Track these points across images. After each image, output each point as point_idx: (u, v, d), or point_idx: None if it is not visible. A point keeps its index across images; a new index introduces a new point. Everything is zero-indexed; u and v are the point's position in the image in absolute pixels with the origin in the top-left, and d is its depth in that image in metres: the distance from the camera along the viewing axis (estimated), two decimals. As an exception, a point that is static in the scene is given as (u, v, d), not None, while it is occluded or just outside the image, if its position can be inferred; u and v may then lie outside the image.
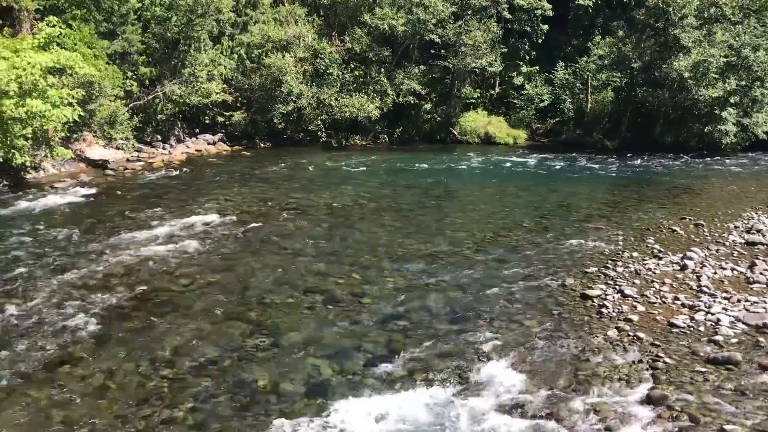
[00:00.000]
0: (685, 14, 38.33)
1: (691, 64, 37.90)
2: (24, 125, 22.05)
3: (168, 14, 32.55)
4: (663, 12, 38.76)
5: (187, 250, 16.60)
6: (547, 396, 10.05)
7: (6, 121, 21.71)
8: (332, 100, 37.09)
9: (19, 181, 23.80)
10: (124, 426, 9.13)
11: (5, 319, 12.27)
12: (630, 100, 41.36)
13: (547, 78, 44.56)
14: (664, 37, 39.33)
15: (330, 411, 9.47)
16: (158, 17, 32.52)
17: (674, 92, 39.39)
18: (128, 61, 31.55)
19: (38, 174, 25.44)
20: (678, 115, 40.43)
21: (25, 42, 24.46)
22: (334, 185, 26.02)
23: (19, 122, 21.89)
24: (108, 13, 30.77)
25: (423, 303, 13.71)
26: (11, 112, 21.46)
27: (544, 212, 22.44)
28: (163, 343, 11.61)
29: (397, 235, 18.83)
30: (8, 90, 21.31)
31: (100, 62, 28.63)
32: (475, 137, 41.68)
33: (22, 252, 16.17)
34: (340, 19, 40.62)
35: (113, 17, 30.90)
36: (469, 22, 40.71)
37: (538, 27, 44.14)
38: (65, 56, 23.98)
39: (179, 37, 32.97)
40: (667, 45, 39.25)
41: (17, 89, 21.56)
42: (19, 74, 21.67)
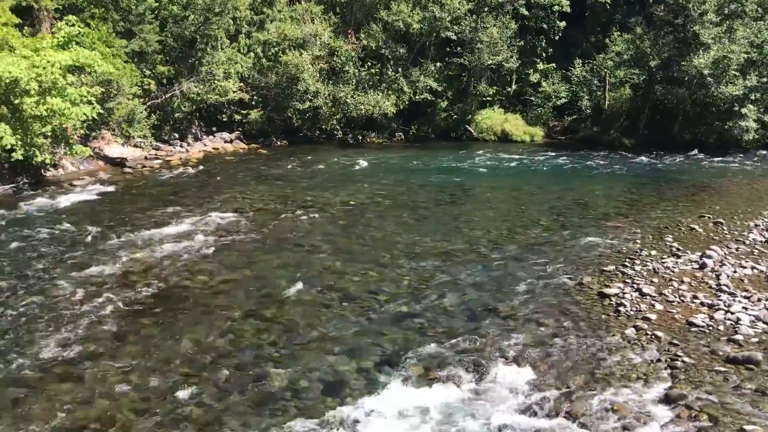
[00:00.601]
0: (705, 10, 37.94)
1: (711, 61, 37.52)
2: (44, 123, 22.29)
3: (185, 13, 32.72)
4: (682, 8, 38.39)
5: (204, 247, 16.70)
6: (564, 395, 10.01)
7: (26, 119, 21.95)
8: (348, 97, 37.11)
9: (39, 179, 24.06)
10: (143, 422, 9.21)
11: (27, 316, 12.42)
12: (648, 97, 41.01)
13: (564, 75, 44.27)
14: (683, 33, 38.94)
15: (346, 408, 9.49)
16: (175, 16, 32.69)
17: (693, 89, 39.02)
18: (146, 59, 31.76)
19: (57, 172, 25.70)
20: (697, 112, 40.04)
21: (45, 41, 24.71)
22: (350, 183, 26.05)
23: (39, 120, 22.14)
24: (125, 12, 30.99)
25: (439, 301, 13.70)
26: (31, 111, 21.70)
27: (561, 210, 22.32)
28: (181, 339, 11.70)
29: (413, 233, 18.82)
30: (28, 88, 21.55)
31: (118, 61, 28.85)
32: (491, 135, 41.50)
33: (43, 249, 16.35)
34: (356, 16, 40.60)
35: (131, 16, 31.11)
36: (485, 19, 40.54)
37: (554, 24, 43.85)
38: (84, 55, 24.21)
39: (196, 36, 33.14)
40: (686, 41, 38.86)
41: (37, 88, 21.79)
42: (38, 73, 21.89)
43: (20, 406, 9.44)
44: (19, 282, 14.07)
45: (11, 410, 9.34)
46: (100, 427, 9.06)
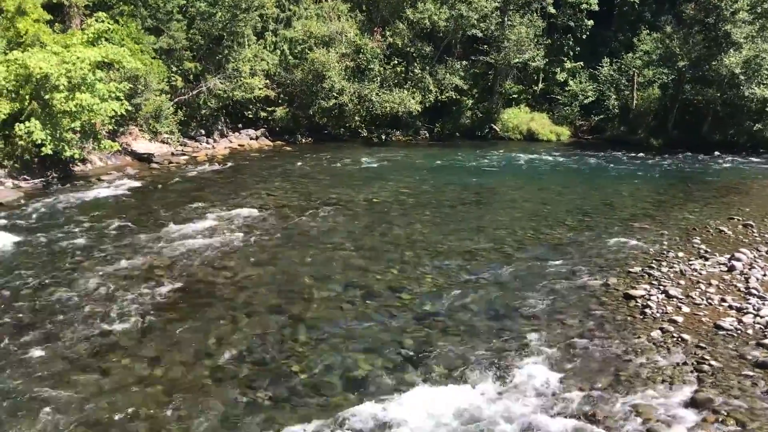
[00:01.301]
0: (738, 9, 37.31)
1: (743, 61, 36.91)
2: (73, 118, 22.61)
3: (212, 10, 32.95)
4: (714, 7, 37.80)
5: (229, 243, 16.81)
6: (587, 396, 9.91)
7: (56, 114, 22.29)
8: (373, 95, 37.11)
9: (68, 174, 24.39)
10: (167, 414, 9.30)
11: (55, 309, 12.61)
12: (677, 97, 40.45)
13: (591, 74, 43.84)
14: (714, 32, 38.34)
15: (368, 406, 9.49)
16: (203, 13, 32.95)
17: (724, 89, 38.42)
18: (173, 56, 32.05)
19: (86, 167, 26.04)
20: (727, 112, 39.42)
21: (75, 37, 25.08)
22: (373, 181, 26.04)
23: (69, 115, 22.46)
24: (154, 9, 31.29)
25: (462, 300, 13.64)
26: (61, 106, 22.03)
27: (586, 210, 22.11)
28: (205, 334, 11.79)
29: (436, 232, 18.77)
30: (58, 84, 21.87)
31: (146, 57, 29.16)
32: (517, 134, 41.24)
33: (70, 243, 16.57)
34: (382, 14, 40.58)
35: (159, 13, 31.41)
36: (512, 17, 40.29)
37: (582, 22, 43.45)
38: (113, 51, 24.54)
39: (223, 33, 33.37)
40: (717, 41, 38.26)
41: (67, 83, 22.11)
42: (68, 69, 22.22)
43: (47, 398, 9.58)
44: (46, 275, 14.28)
45: (39, 402, 9.47)
46: (125, 420, 9.16)
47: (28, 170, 23.31)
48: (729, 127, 39.65)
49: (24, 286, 13.65)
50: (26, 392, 9.68)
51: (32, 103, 22.48)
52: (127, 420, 9.15)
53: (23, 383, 9.89)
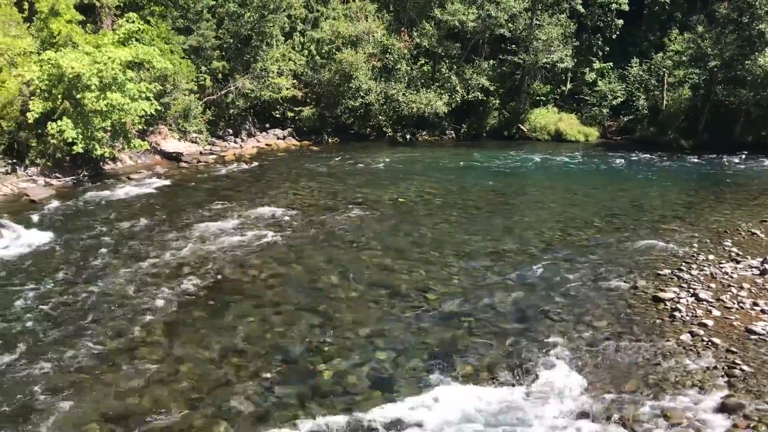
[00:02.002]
0: (773, 8, 36.59)
1: (778, 61, 36.21)
2: (104, 118, 22.93)
3: (241, 10, 33.20)
4: (748, 6, 37.12)
5: (256, 241, 16.92)
6: (615, 400, 9.82)
7: (87, 113, 22.62)
8: (400, 95, 37.10)
9: (98, 172, 24.74)
10: (194, 410, 9.40)
11: (86, 304, 12.81)
12: (708, 97, 39.83)
13: (620, 74, 43.33)
14: (748, 31, 37.67)
15: (393, 404, 9.50)
16: (232, 13, 33.21)
17: (757, 90, 37.73)
18: (202, 56, 32.35)
19: (116, 165, 26.40)
20: (760, 113, 38.69)
21: (106, 38, 25.43)
22: (399, 181, 26.03)
23: (100, 115, 22.79)
24: (184, 10, 31.62)
25: (488, 301, 13.58)
26: (92, 105, 22.36)
27: (615, 212, 21.88)
28: (232, 331, 11.89)
29: (462, 232, 18.72)
30: (90, 84, 22.20)
31: (175, 57, 29.46)
32: (544, 134, 40.94)
33: (102, 240, 16.82)
34: (409, 14, 40.56)
35: (189, 13, 31.73)
36: (541, 17, 40.01)
37: (612, 22, 42.97)
38: (143, 51, 24.82)
39: (252, 33, 33.61)
40: (750, 40, 37.58)
41: (98, 83, 22.43)
42: (100, 69, 22.54)
43: (77, 392, 9.74)
44: (77, 272, 14.51)
45: (69, 396, 9.63)
46: (154, 414, 9.28)
47: (60, 168, 23.70)
48: (762, 128, 38.91)
49: (55, 282, 13.88)
50: (58, 386, 9.85)
51: (64, 103, 22.86)
52: (154, 415, 9.26)
53: (55, 377, 10.07)
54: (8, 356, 10.68)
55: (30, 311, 12.42)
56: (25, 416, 9.08)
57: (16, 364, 10.44)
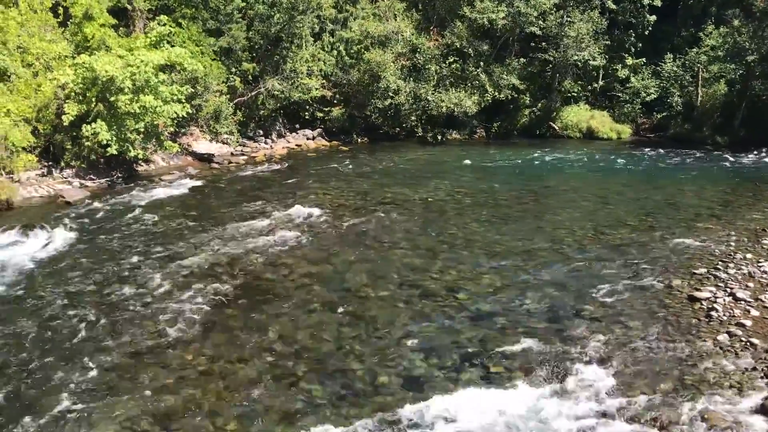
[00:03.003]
0: (812, 0, 35.70)
1: (817, 55, 35.29)
2: (137, 120, 23.26)
3: (271, 11, 33.40)
4: (786, -1, 36.29)
5: (287, 241, 17.00)
6: (650, 400, 9.66)
7: (121, 115, 22.97)
8: (429, 95, 36.99)
9: (132, 173, 25.10)
10: (227, 409, 9.47)
11: (120, 304, 12.99)
12: (745, 93, 38.93)
13: (653, 71, 42.61)
14: (785, 25, 36.80)
15: (425, 404, 9.46)
16: (262, 15, 33.42)
17: (796, 84, 36.86)
18: (232, 57, 32.63)
19: (149, 166, 26.75)
20: (799, 109, 37.78)
21: (138, 41, 25.80)
22: (429, 180, 25.95)
23: (133, 117, 23.12)
24: (215, 12, 31.92)
25: (520, 301, 13.46)
26: (125, 107, 22.70)
27: (649, 210, 21.52)
28: (264, 330, 11.96)
29: (493, 231, 18.58)
30: (123, 86, 22.54)
31: (206, 59, 29.76)
32: (576, 132, 40.44)
33: (135, 240, 17.05)
34: (438, 13, 40.42)
35: (219, 15, 32.02)
36: (571, 14, 39.58)
37: (644, 18, 42.28)
38: (175, 53, 25.12)
39: (281, 34, 33.79)
40: (788, 34, 36.71)
41: (131, 86, 22.76)
42: (132, 72, 22.87)
43: (113, 390, 9.88)
44: (112, 272, 14.73)
45: (105, 394, 9.77)
46: (186, 413, 9.37)
47: (94, 170, 24.08)
48: (801, 124, 37.98)
49: (91, 282, 14.11)
50: (94, 384, 10.00)
51: (98, 105, 23.24)
52: (187, 413, 9.35)
53: (92, 375, 10.22)
54: (45, 355, 10.88)
55: (66, 310, 12.64)
56: (61, 415, 9.23)
57: (52, 363, 10.63)
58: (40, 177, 22.82)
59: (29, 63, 23.85)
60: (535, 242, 17.50)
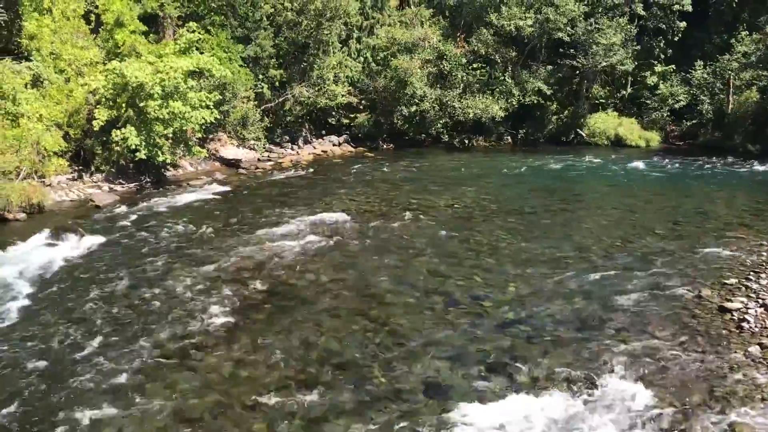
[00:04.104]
0: None
1: None
2: (166, 125, 23.56)
3: (299, 18, 33.66)
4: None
5: (312, 247, 17.06)
6: (678, 413, 9.50)
7: (150, 121, 23.27)
8: (455, 101, 36.96)
9: (160, 178, 25.40)
10: (252, 412, 9.50)
11: (148, 308, 13.12)
12: (778, 100, 38.35)
13: (683, 77, 42.15)
14: (819, 31, 36.18)
15: (450, 413, 9.41)
16: (289, 21, 33.70)
17: (830, 92, 36.18)
18: (260, 64, 32.92)
19: (177, 172, 27.06)
20: (834, 117, 37.04)
21: (168, 47, 26.14)
22: (455, 186, 25.89)
23: (162, 122, 23.41)
24: (243, 19, 32.26)
25: (546, 309, 13.33)
26: (155, 113, 23.00)
27: (678, 219, 21.24)
28: (289, 335, 11.99)
29: (519, 239, 18.46)
30: (153, 92, 22.84)
31: (234, 65, 30.07)
32: (604, 139, 40.14)
33: (163, 244, 17.23)
34: (465, 19, 40.42)
35: (248, 22, 32.35)
36: (600, 20, 39.31)
37: (674, 24, 41.89)
38: (203, 60, 25.42)
39: (309, 41, 34.04)
40: (823, 40, 36.08)
41: (160, 92, 23.05)
42: (162, 78, 23.17)
43: (140, 393, 9.96)
44: (140, 276, 14.90)
45: (131, 396, 9.86)
46: (212, 416, 9.42)
47: (124, 175, 24.42)
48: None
49: (120, 285, 14.27)
50: (121, 386, 10.09)
51: (128, 111, 23.58)
52: (213, 418, 9.40)
53: (119, 378, 10.32)
54: (72, 357, 11.02)
55: (95, 313, 12.80)
56: (87, 417, 9.33)
57: (79, 364, 10.76)
58: (71, 181, 23.20)
59: (61, 69, 24.32)
60: (562, 250, 17.35)
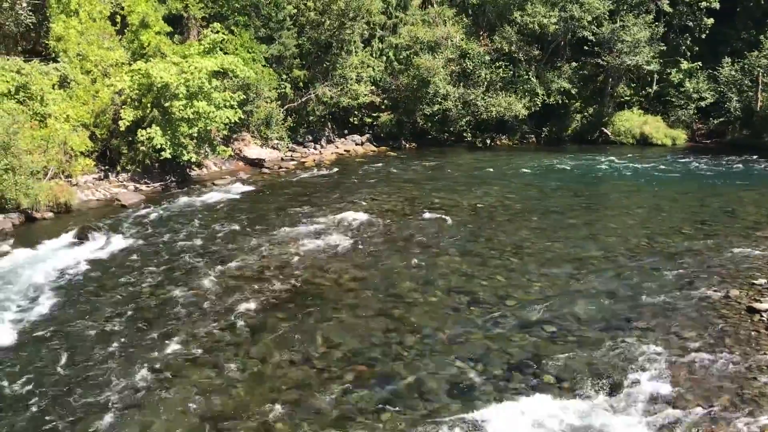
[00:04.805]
0: None
1: None
2: (190, 125, 23.75)
3: (322, 18, 33.74)
4: None
5: (335, 246, 17.09)
6: (706, 414, 9.38)
7: (175, 121, 23.48)
8: (478, 99, 36.80)
9: (185, 178, 25.62)
10: (275, 411, 9.54)
11: (172, 306, 13.24)
12: (808, 97, 37.66)
13: (710, 75, 41.52)
14: None
15: (474, 412, 9.37)
16: (312, 21, 33.78)
17: None
18: (283, 64, 33.06)
19: (201, 171, 27.27)
20: None
21: (192, 48, 26.34)
22: (478, 185, 25.78)
23: (186, 122, 23.61)
24: (266, 19, 32.40)
25: (571, 309, 13.22)
26: (179, 113, 23.19)
27: (705, 218, 20.95)
28: (313, 334, 12.03)
29: (544, 238, 18.33)
30: (177, 93, 23.04)
31: (257, 65, 30.22)
32: (629, 138, 39.67)
33: (188, 244, 17.37)
34: (488, 18, 40.20)
35: (271, 23, 32.48)
36: (625, 17, 38.87)
37: (701, 21, 41.28)
38: (228, 60, 25.60)
39: (331, 41, 34.10)
40: None
41: (185, 92, 23.25)
42: (187, 78, 23.36)
43: (165, 390, 10.06)
44: (165, 274, 15.04)
45: (156, 393, 9.96)
46: (236, 414, 9.48)
47: (149, 174, 24.66)
48: None
49: (144, 284, 14.43)
50: (146, 382, 10.20)
51: (153, 111, 23.82)
52: (236, 415, 9.46)
53: (143, 374, 10.43)
54: (98, 354, 11.16)
55: (121, 311, 12.95)
56: (111, 413, 9.44)
57: (105, 361, 10.89)
58: (97, 181, 23.48)
59: (88, 70, 24.61)
60: (587, 250, 17.20)
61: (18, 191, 18.91)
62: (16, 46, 26.70)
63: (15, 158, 18.99)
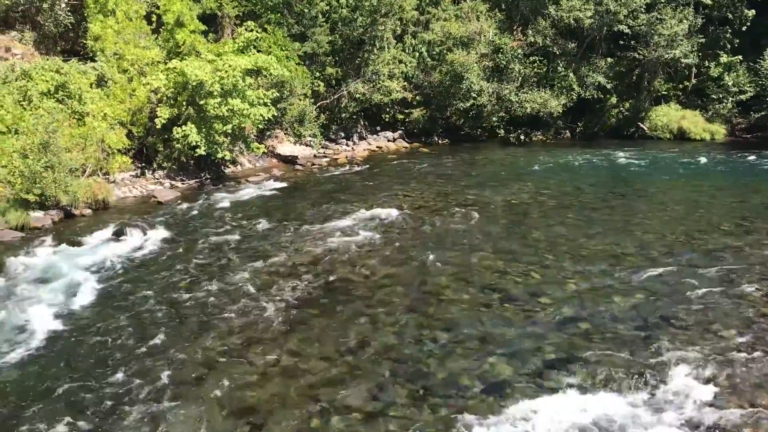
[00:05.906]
0: None
1: None
2: (225, 123, 23.99)
3: (354, 15, 33.78)
4: None
5: (367, 242, 17.11)
6: (746, 414, 9.16)
7: (209, 119, 23.74)
8: (512, 95, 36.50)
9: (219, 175, 25.90)
10: (310, 405, 9.59)
11: (207, 302, 13.39)
12: None
13: (750, 68, 40.57)
14: None
15: (508, 410, 9.30)
16: (345, 18, 33.86)
17: None
18: (317, 62, 33.19)
19: (235, 168, 27.54)
20: None
21: (227, 46, 26.61)
22: (512, 182, 25.58)
23: (221, 120, 23.85)
24: (299, 16, 32.55)
25: (607, 306, 13.04)
26: (214, 111, 23.45)
27: (744, 214, 20.48)
28: (345, 330, 12.06)
29: (579, 235, 18.11)
30: (212, 90, 23.29)
31: (291, 63, 30.40)
32: (666, 132, 38.98)
33: (222, 240, 17.56)
34: (522, 12, 39.82)
35: (303, 20, 32.63)
36: (663, 10, 38.17)
37: (742, 13, 40.33)
38: (261, 59, 25.80)
39: (364, 37, 34.13)
40: None
41: (220, 90, 23.49)
42: (221, 76, 23.60)
43: (201, 384, 10.19)
44: (200, 270, 15.22)
45: (190, 388, 10.08)
46: (269, 408, 9.55)
47: (185, 172, 24.99)
48: None
49: (180, 279, 14.62)
50: (181, 378, 10.33)
51: (188, 109, 24.11)
52: (270, 410, 9.52)
53: (179, 369, 10.57)
54: (135, 349, 11.33)
55: (157, 307, 13.14)
56: (146, 408, 9.58)
57: (142, 356, 11.06)
58: (134, 178, 23.87)
59: (124, 69, 25.02)
60: (623, 246, 16.94)
61: (57, 188, 19.30)
62: (56, 46, 27.30)
63: (54, 156, 19.38)
